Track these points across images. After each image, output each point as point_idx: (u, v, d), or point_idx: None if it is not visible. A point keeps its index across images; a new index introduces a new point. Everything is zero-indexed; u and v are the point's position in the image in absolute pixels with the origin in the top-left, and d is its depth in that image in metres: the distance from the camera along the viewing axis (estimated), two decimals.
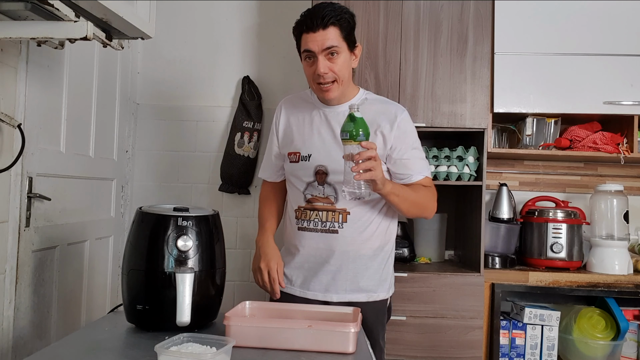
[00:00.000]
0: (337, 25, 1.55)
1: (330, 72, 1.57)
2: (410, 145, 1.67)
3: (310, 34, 1.55)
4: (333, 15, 1.54)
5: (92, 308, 2.36)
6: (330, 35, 1.54)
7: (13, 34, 1.40)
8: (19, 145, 1.71)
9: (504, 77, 2.48)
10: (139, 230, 1.35)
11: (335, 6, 1.58)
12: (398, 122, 1.64)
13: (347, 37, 1.58)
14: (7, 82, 1.73)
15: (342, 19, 1.56)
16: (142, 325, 1.34)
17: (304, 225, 1.67)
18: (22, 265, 1.82)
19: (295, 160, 1.69)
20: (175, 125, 2.89)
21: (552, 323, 2.41)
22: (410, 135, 1.68)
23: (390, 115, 1.65)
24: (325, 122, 1.68)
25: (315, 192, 1.66)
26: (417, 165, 1.68)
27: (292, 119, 1.74)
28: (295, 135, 1.71)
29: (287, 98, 1.82)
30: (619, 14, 2.48)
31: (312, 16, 1.55)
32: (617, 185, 2.55)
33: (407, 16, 2.45)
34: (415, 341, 2.33)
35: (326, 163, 1.64)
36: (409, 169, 1.66)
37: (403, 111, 1.69)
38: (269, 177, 1.85)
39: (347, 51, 1.60)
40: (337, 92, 1.61)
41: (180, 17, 2.90)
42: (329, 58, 1.56)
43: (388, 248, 1.74)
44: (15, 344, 1.80)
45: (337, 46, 1.55)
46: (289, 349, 1.19)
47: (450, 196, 2.85)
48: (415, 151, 1.68)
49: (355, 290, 1.66)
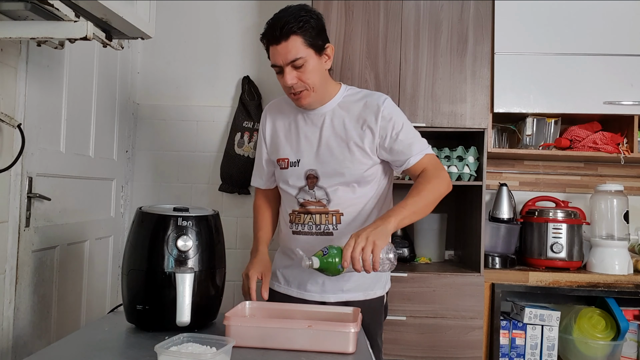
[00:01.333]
0: (299, 34, 1.47)
1: (299, 82, 1.53)
2: (398, 129, 1.59)
3: (274, 46, 1.50)
4: (294, 24, 1.47)
5: (92, 308, 2.36)
6: (293, 46, 1.48)
7: (13, 34, 1.40)
8: (18, 145, 1.71)
9: (504, 77, 2.48)
10: (139, 230, 1.35)
11: (296, 11, 1.50)
12: (381, 112, 1.58)
13: (312, 43, 1.51)
14: (7, 82, 1.73)
15: (304, 26, 1.48)
16: (142, 326, 1.34)
17: (299, 229, 1.66)
18: (22, 265, 1.82)
19: (284, 166, 1.67)
20: (175, 125, 2.89)
21: (552, 323, 2.41)
22: (396, 119, 1.60)
23: (373, 107, 1.60)
24: (310, 125, 1.64)
25: (307, 196, 1.64)
26: (412, 148, 1.59)
27: (278, 124, 1.71)
28: (283, 141, 1.68)
29: (272, 103, 1.78)
30: (619, 14, 2.48)
31: (273, 27, 1.49)
32: (617, 185, 2.55)
33: (407, 16, 2.45)
34: (415, 341, 2.33)
35: (316, 167, 1.62)
36: (404, 153, 1.58)
37: (385, 99, 1.62)
38: (263, 184, 1.81)
39: (315, 57, 1.52)
40: (311, 99, 1.57)
41: (180, 17, 2.90)
42: (295, 69, 1.51)
43: None
44: (15, 344, 1.80)
45: (301, 57, 1.49)
46: (289, 349, 1.19)
47: (451, 196, 2.80)
48: (405, 134, 1.59)
49: (352, 289, 1.65)
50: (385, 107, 1.60)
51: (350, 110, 1.61)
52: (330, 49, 1.58)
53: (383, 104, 1.60)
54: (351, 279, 1.64)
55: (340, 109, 1.62)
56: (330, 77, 1.65)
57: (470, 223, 2.57)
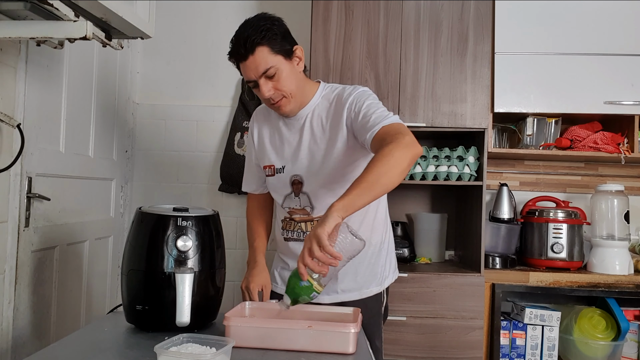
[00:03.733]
0: (264, 44, 1.46)
1: (275, 92, 1.52)
2: (360, 105, 1.50)
3: (243, 62, 1.49)
4: (256, 36, 1.45)
5: (92, 308, 2.36)
6: (261, 58, 1.46)
7: (12, 34, 1.40)
8: (18, 145, 1.71)
9: (504, 77, 2.48)
10: (139, 231, 1.35)
11: (256, 23, 1.48)
12: (348, 101, 1.54)
13: (280, 50, 1.49)
14: (6, 82, 1.73)
15: (267, 35, 1.46)
16: (142, 326, 1.33)
17: (289, 236, 1.66)
18: (22, 265, 1.82)
19: (271, 173, 1.67)
20: (175, 125, 2.89)
21: (553, 323, 2.40)
22: (359, 99, 1.52)
23: (342, 100, 1.56)
24: (292, 131, 1.63)
25: (292, 203, 1.63)
26: (374, 119, 1.43)
27: (264, 131, 1.71)
28: (268, 147, 1.68)
29: (258, 109, 1.77)
30: (619, 14, 2.48)
31: (237, 44, 1.49)
32: (617, 185, 2.54)
33: (407, 16, 2.45)
34: (416, 341, 2.33)
35: (300, 172, 1.61)
36: (365, 128, 1.44)
37: (354, 89, 1.57)
38: (254, 189, 1.80)
39: (286, 62, 1.50)
40: (291, 105, 1.56)
41: (180, 17, 2.90)
42: (269, 79, 1.50)
43: (376, 241, 1.67)
44: (15, 344, 1.79)
45: (271, 67, 1.47)
46: (288, 349, 1.19)
47: (451, 196, 2.85)
48: (366, 109, 1.48)
49: (347, 289, 1.63)
50: (351, 95, 1.55)
51: (327, 110, 1.59)
52: (299, 50, 1.55)
53: (351, 96, 1.55)
54: (345, 279, 1.62)
55: (318, 110, 1.60)
56: (307, 78, 1.63)
57: (470, 223, 2.56)
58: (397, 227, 2.67)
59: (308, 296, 1.20)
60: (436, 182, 2.49)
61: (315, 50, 2.44)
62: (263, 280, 1.66)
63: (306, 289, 1.19)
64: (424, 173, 2.48)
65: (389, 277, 1.72)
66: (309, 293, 1.20)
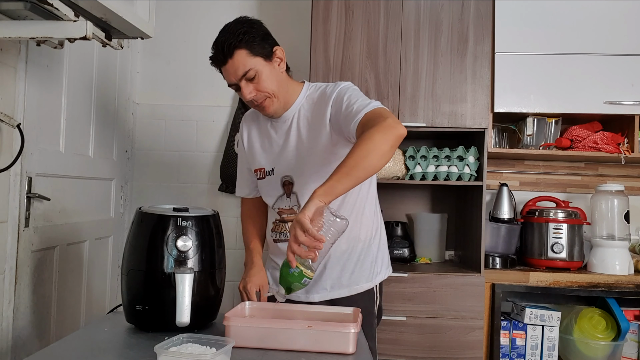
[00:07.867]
0: (241, 47, 1.48)
1: (257, 93, 1.53)
2: (344, 99, 1.50)
3: (223, 67, 1.51)
4: (233, 39, 1.47)
5: (92, 308, 2.36)
6: (240, 61, 1.48)
7: (12, 34, 1.40)
8: (18, 145, 1.71)
9: (504, 77, 2.48)
10: (139, 231, 1.35)
11: (234, 27, 1.50)
12: (333, 97, 1.54)
13: (258, 52, 1.50)
14: (6, 82, 1.73)
15: (244, 38, 1.48)
16: (142, 326, 1.33)
17: (278, 237, 1.67)
18: (22, 265, 1.82)
19: (261, 176, 1.67)
20: (175, 125, 2.89)
21: (553, 323, 2.40)
22: (341, 94, 1.53)
23: (328, 99, 1.55)
24: (280, 133, 1.63)
25: (283, 204, 1.64)
26: (357, 108, 1.43)
27: (253, 134, 1.71)
28: (258, 151, 1.69)
29: (247, 113, 1.78)
30: (619, 14, 2.48)
31: (216, 49, 1.51)
32: (617, 185, 2.54)
33: (407, 16, 2.45)
34: (415, 342, 2.33)
35: (289, 172, 1.61)
36: (351, 118, 1.43)
37: (337, 85, 1.57)
38: (247, 193, 1.81)
39: (265, 64, 1.51)
40: (275, 105, 1.57)
41: (180, 17, 2.90)
42: (250, 81, 1.51)
43: (365, 237, 1.65)
44: (15, 344, 1.79)
45: (251, 69, 1.49)
46: (288, 349, 1.19)
47: (451, 196, 2.85)
48: (349, 100, 1.48)
49: (336, 286, 1.62)
50: (335, 91, 1.55)
51: (311, 109, 1.59)
52: (280, 50, 1.56)
53: (334, 92, 1.55)
54: (333, 274, 1.61)
55: (303, 110, 1.61)
56: (290, 78, 1.63)
57: (470, 223, 2.56)
58: (397, 227, 2.67)
59: (300, 282, 1.27)
60: (436, 182, 2.49)
61: (315, 50, 2.44)
62: (260, 280, 1.67)
63: (297, 275, 1.26)
64: (424, 173, 2.48)
65: (381, 273, 1.70)
66: (300, 279, 1.27)
